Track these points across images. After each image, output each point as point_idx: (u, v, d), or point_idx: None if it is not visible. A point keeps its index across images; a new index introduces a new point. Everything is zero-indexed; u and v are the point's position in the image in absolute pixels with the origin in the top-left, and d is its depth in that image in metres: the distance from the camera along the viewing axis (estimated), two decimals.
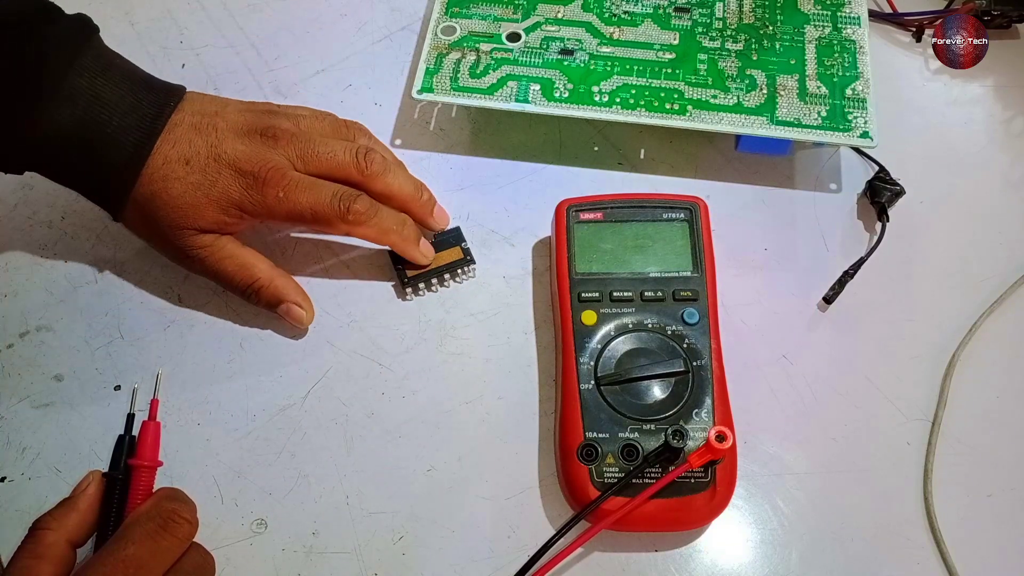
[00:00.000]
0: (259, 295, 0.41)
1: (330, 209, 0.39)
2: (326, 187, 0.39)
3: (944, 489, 0.38)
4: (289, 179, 0.39)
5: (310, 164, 0.40)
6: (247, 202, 0.38)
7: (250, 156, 0.39)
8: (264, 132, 0.40)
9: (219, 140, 0.39)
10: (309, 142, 0.40)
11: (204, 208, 0.38)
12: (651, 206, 0.42)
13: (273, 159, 0.39)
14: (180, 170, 0.38)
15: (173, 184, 0.38)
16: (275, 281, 0.41)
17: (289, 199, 0.38)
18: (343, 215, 0.39)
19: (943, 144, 0.48)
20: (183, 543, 0.34)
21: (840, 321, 0.42)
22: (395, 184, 0.41)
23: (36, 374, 0.41)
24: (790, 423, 0.40)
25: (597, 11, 0.47)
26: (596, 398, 0.37)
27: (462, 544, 0.37)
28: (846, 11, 0.47)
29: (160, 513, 0.34)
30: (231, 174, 0.38)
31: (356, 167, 0.40)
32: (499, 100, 0.44)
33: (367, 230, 0.40)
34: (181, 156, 0.38)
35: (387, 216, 0.40)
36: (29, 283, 0.43)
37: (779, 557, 0.37)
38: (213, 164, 0.38)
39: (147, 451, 0.38)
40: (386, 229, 0.40)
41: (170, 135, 0.38)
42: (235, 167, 0.38)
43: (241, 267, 0.40)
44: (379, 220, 0.40)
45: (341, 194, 0.39)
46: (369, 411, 0.40)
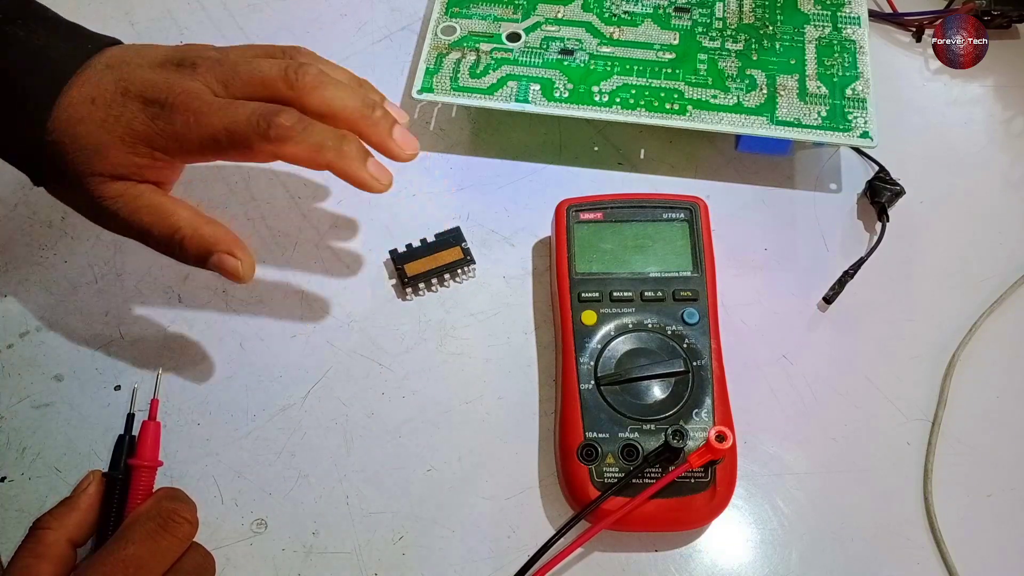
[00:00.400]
0: (183, 247, 0.35)
1: (248, 126, 0.33)
2: (244, 105, 0.34)
3: (944, 489, 0.38)
4: (201, 102, 0.34)
5: (231, 87, 0.34)
6: (154, 134, 0.34)
7: (159, 83, 0.34)
8: (182, 61, 0.35)
9: (130, 73, 0.34)
10: (231, 64, 0.35)
11: (108, 148, 0.34)
12: (651, 206, 0.42)
13: (186, 84, 0.34)
14: (84, 109, 0.34)
15: (76, 126, 0.34)
16: (200, 229, 0.35)
17: (200, 123, 0.33)
18: (264, 132, 0.33)
19: (943, 144, 0.48)
20: (183, 543, 0.34)
21: (840, 321, 0.42)
22: (336, 99, 0.35)
23: (36, 374, 0.41)
24: (790, 423, 0.40)
25: (597, 11, 0.47)
26: (596, 398, 0.37)
27: (462, 544, 0.37)
28: (846, 11, 0.47)
29: (160, 513, 0.34)
30: (137, 106, 0.34)
31: (284, 80, 0.34)
32: (499, 100, 0.44)
33: (295, 148, 0.33)
34: (87, 96, 0.34)
35: (320, 130, 0.34)
36: (29, 283, 0.43)
37: (779, 557, 0.37)
38: (119, 99, 0.34)
39: (147, 451, 0.38)
40: (318, 144, 0.34)
41: (80, 77, 0.34)
42: (142, 97, 0.34)
43: (158, 216, 0.35)
44: (309, 134, 0.33)
45: (261, 110, 0.33)
46: (369, 411, 0.40)
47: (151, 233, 0.35)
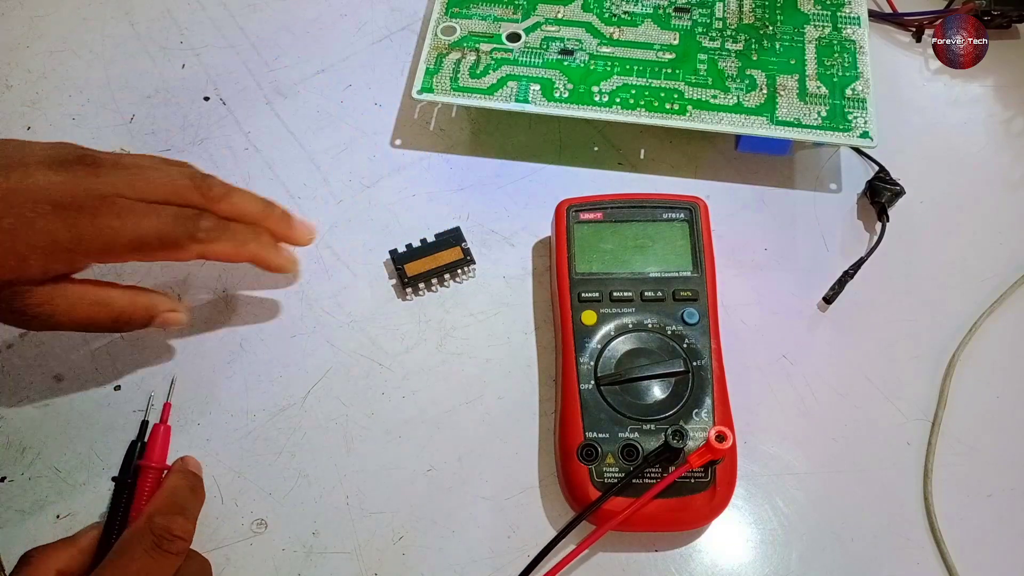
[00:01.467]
0: (130, 324, 0.36)
1: (177, 229, 0.34)
2: (165, 209, 0.34)
3: (944, 489, 0.38)
4: (121, 206, 0.33)
5: (142, 191, 0.34)
6: (76, 239, 0.32)
7: (69, 186, 0.33)
8: (80, 161, 0.34)
9: (28, 173, 0.32)
10: (138, 168, 0.35)
11: (26, 257, 0.32)
12: (651, 206, 0.42)
13: (96, 186, 0.33)
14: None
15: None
16: (136, 301, 0.36)
17: (128, 227, 0.33)
18: (192, 234, 0.35)
19: (943, 144, 0.48)
20: (178, 558, 0.34)
21: (840, 321, 0.42)
22: (241, 203, 0.37)
23: (36, 374, 0.41)
24: (790, 423, 0.40)
25: (597, 11, 0.47)
26: (596, 398, 0.37)
27: (462, 544, 0.37)
28: (846, 11, 0.47)
29: (154, 531, 0.33)
30: (49, 210, 0.32)
31: (196, 190, 0.36)
32: (499, 100, 0.44)
33: (222, 247, 0.36)
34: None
35: (239, 228, 0.37)
36: None
37: (779, 557, 0.37)
38: (27, 203, 0.32)
39: (155, 453, 0.38)
40: (242, 240, 0.36)
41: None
42: (53, 201, 0.32)
43: (95, 304, 0.35)
44: (232, 233, 0.36)
45: (184, 214, 0.35)
46: (369, 411, 0.40)
47: (93, 324, 0.35)
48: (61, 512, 0.38)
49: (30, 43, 0.51)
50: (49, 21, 0.52)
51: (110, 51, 0.51)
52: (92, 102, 0.49)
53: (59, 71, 0.50)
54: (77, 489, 0.38)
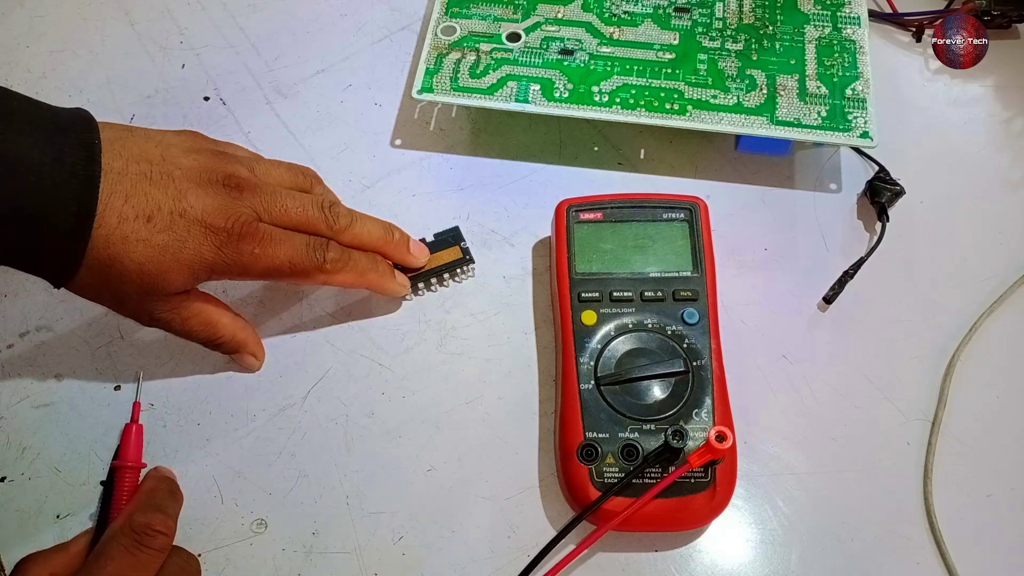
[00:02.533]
0: (219, 349, 0.40)
1: (308, 261, 0.37)
2: (298, 238, 0.37)
3: (944, 489, 0.38)
4: (263, 233, 0.36)
5: (278, 217, 0.37)
6: (220, 261, 0.35)
7: (220, 210, 0.35)
8: (226, 182, 0.36)
9: (180, 192, 0.34)
10: (274, 194, 0.37)
11: (174, 273, 0.34)
12: (651, 206, 0.42)
13: (242, 212, 0.36)
14: (142, 230, 0.33)
15: (136, 247, 0.33)
16: (236, 336, 0.39)
17: (266, 255, 0.36)
18: (320, 265, 0.37)
19: (943, 144, 0.48)
20: (160, 554, 0.34)
21: (840, 321, 0.42)
22: (364, 233, 0.40)
23: (36, 374, 0.41)
24: (790, 423, 0.40)
25: (597, 11, 0.47)
26: (596, 398, 0.37)
27: (462, 544, 0.37)
28: (846, 11, 0.47)
29: (134, 528, 0.33)
30: (200, 231, 0.34)
31: (325, 222, 0.38)
32: (499, 100, 0.44)
33: (345, 276, 0.39)
34: (140, 213, 0.33)
35: (360, 258, 0.39)
36: (29, 283, 0.43)
37: (779, 557, 0.37)
38: (180, 221, 0.34)
39: (129, 452, 0.38)
40: (363, 271, 0.39)
41: (118, 187, 0.33)
42: (204, 223, 0.35)
43: (206, 325, 0.38)
44: (354, 264, 0.39)
45: (314, 244, 0.37)
46: (369, 411, 0.40)
47: (196, 337, 0.38)
48: (61, 512, 0.38)
49: (30, 43, 0.51)
50: (49, 21, 0.52)
51: (110, 51, 0.51)
52: (92, 102, 0.49)
53: (59, 71, 0.50)
54: (77, 489, 0.38)
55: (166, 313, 0.36)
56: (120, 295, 0.35)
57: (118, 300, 0.36)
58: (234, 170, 0.37)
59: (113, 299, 0.36)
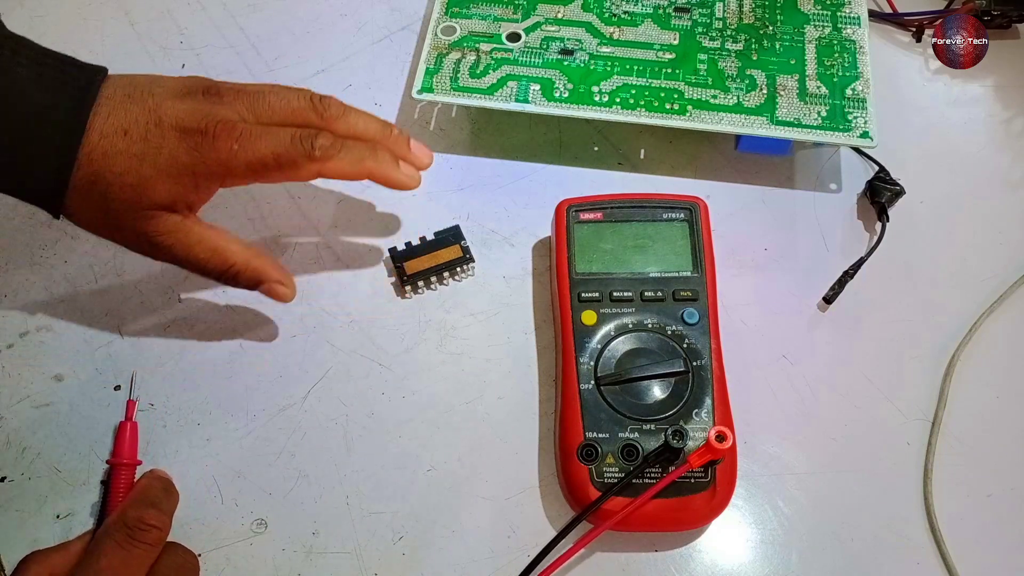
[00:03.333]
0: (237, 279, 0.38)
1: (294, 149, 0.36)
2: (283, 130, 0.36)
3: (944, 489, 0.38)
4: (241, 130, 0.35)
5: (261, 115, 0.37)
6: (199, 163, 0.35)
7: (193, 113, 0.35)
8: (205, 91, 0.36)
9: (157, 104, 0.35)
10: (257, 93, 0.37)
11: (154, 181, 0.34)
12: (651, 206, 0.42)
13: (220, 113, 0.35)
14: (119, 142, 0.34)
15: (114, 160, 0.34)
16: (251, 263, 0.38)
17: (246, 149, 0.35)
18: (309, 153, 0.36)
19: (943, 144, 0.48)
20: (154, 548, 0.34)
21: (840, 321, 0.42)
22: (359, 123, 0.38)
23: (36, 374, 0.41)
24: (790, 423, 0.40)
25: (597, 11, 0.47)
26: (596, 398, 0.37)
27: (462, 544, 0.37)
28: (846, 11, 0.47)
29: (127, 522, 0.33)
30: (175, 136, 0.35)
31: (314, 111, 0.37)
32: (499, 100, 0.44)
33: (339, 163, 0.37)
34: (118, 127, 0.34)
35: (356, 145, 0.37)
36: (29, 283, 0.43)
37: (779, 557, 0.37)
38: (154, 130, 0.34)
39: (124, 449, 0.38)
40: (359, 158, 0.37)
41: (102, 107, 0.34)
42: (178, 127, 0.35)
43: (213, 251, 0.37)
44: (348, 151, 0.37)
45: (301, 134, 0.36)
46: (369, 411, 0.40)
47: (206, 266, 0.37)
48: (61, 512, 0.38)
49: None
50: (49, 21, 0.52)
51: (110, 51, 0.51)
52: None
53: None
54: (77, 489, 0.38)
55: (165, 237, 0.36)
56: (112, 215, 0.35)
57: (112, 222, 0.36)
58: (217, 83, 0.37)
59: (107, 221, 0.36)
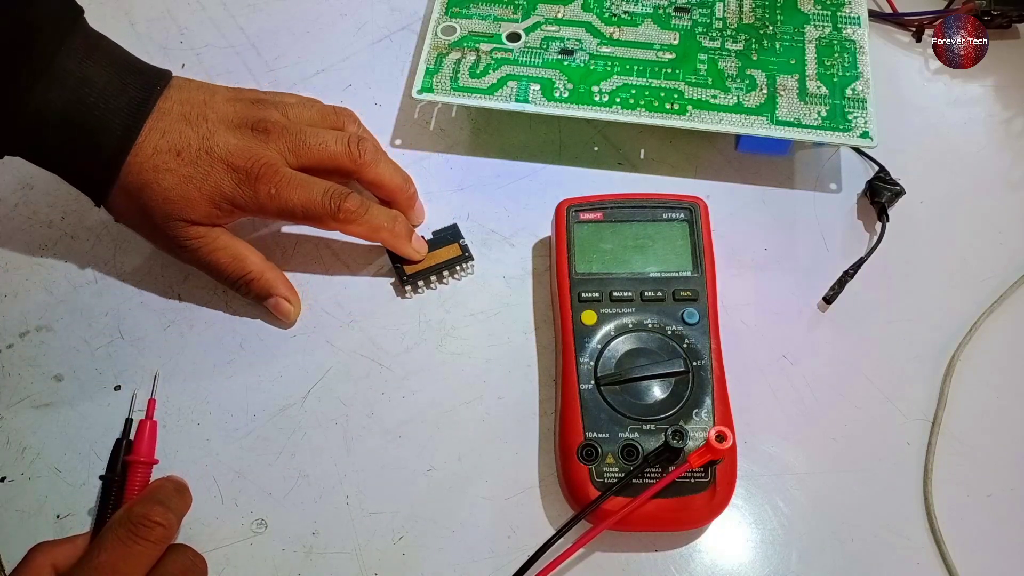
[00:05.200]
0: (249, 287, 0.41)
1: (321, 207, 0.39)
2: (317, 184, 0.39)
3: (944, 489, 0.38)
4: (281, 176, 0.39)
5: (302, 157, 0.40)
6: (239, 197, 0.38)
7: (242, 151, 0.39)
8: (255, 126, 0.40)
9: (210, 132, 0.39)
10: (300, 134, 0.40)
11: (196, 201, 0.38)
12: (651, 206, 0.42)
13: (265, 154, 0.39)
14: (172, 161, 0.38)
15: (164, 176, 0.38)
16: (266, 275, 0.41)
17: (281, 196, 0.38)
18: (334, 213, 0.39)
19: (943, 144, 0.48)
20: (157, 546, 0.33)
21: (840, 321, 0.42)
22: (386, 174, 0.42)
23: (36, 374, 0.41)
24: (790, 423, 0.40)
25: (597, 11, 0.47)
26: (596, 398, 0.37)
27: (462, 544, 0.37)
28: (846, 11, 0.47)
29: (131, 518, 0.33)
30: (223, 168, 0.38)
31: (348, 156, 0.40)
32: (499, 100, 0.44)
33: (358, 227, 0.40)
34: (172, 147, 0.38)
35: (377, 213, 0.41)
36: (29, 283, 0.43)
37: (779, 557, 0.37)
38: (205, 157, 0.38)
39: (143, 448, 0.38)
40: (376, 226, 0.40)
41: (159, 123, 0.38)
42: (227, 162, 0.38)
43: (233, 259, 0.40)
44: (369, 217, 0.40)
45: (332, 192, 0.39)
46: (369, 411, 0.40)
47: (224, 271, 0.40)
48: (61, 512, 0.38)
49: None
50: None
51: None
52: None
53: None
54: (77, 489, 0.38)
55: (193, 241, 0.39)
56: (149, 220, 0.39)
57: (148, 225, 0.39)
58: (266, 115, 0.40)
59: (143, 223, 0.40)
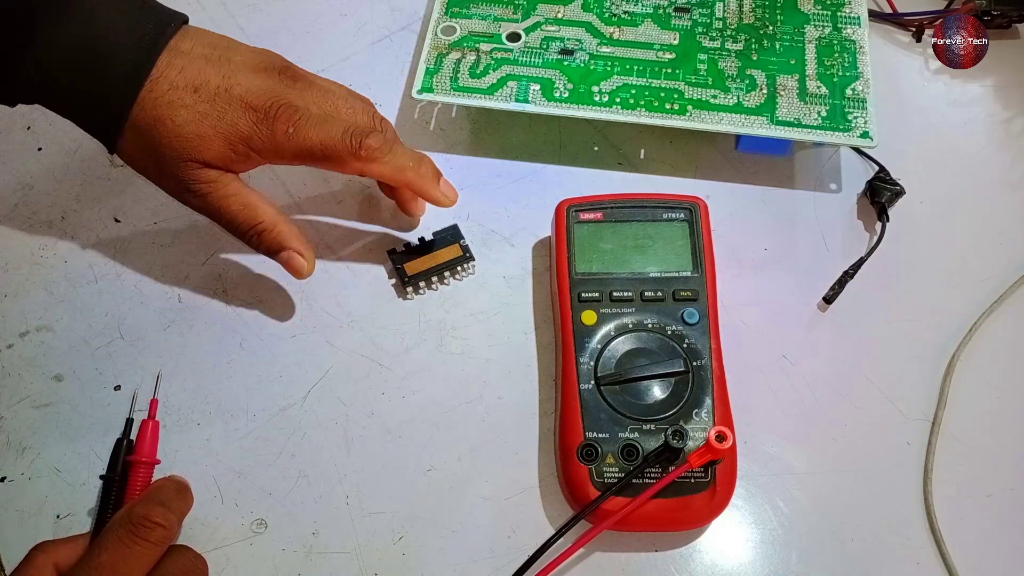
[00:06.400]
0: (261, 238, 0.39)
1: (342, 144, 0.37)
2: (338, 122, 0.38)
3: (944, 489, 0.38)
4: (300, 114, 0.37)
5: (326, 110, 0.39)
6: (255, 137, 0.37)
7: (264, 91, 0.37)
8: (283, 71, 0.38)
9: (232, 72, 0.37)
10: (328, 91, 0.39)
11: (211, 140, 0.37)
12: (651, 206, 0.42)
13: (287, 96, 0.37)
14: (188, 97, 0.36)
15: (179, 111, 0.36)
16: (279, 226, 0.39)
17: (299, 134, 0.37)
18: (355, 151, 0.37)
19: (943, 144, 0.48)
20: (157, 547, 0.33)
21: (840, 321, 0.42)
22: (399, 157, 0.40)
23: (36, 374, 0.41)
24: (790, 423, 0.40)
25: (597, 11, 0.47)
26: (596, 398, 0.37)
27: (462, 544, 0.37)
28: (846, 11, 0.47)
29: (132, 519, 0.33)
30: (241, 107, 0.37)
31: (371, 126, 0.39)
32: (499, 100, 0.44)
33: (380, 167, 0.38)
34: (189, 83, 0.36)
35: (402, 153, 0.39)
36: (29, 283, 0.43)
37: (779, 557, 0.37)
38: (224, 95, 0.37)
39: (145, 448, 0.38)
40: (401, 166, 0.39)
41: (176, 60, 0.36)
42: (245, 101, 0.37)
43: (245, 207, 0.38)
44: (393, 157, 0.39)
45: (353, 129, 0.38)
46: (369, 411, 0.40)
47: (235, 220, 0.39)
48: (61, 512, 0.38)
49: None
50: None
51: None
52: None
53: None
54: (77, 489, 0.38)
55: (203, 185, 0.37)
56: (160, 160, 0.37)
57: (157, 166, 0.37)
58: (295, 67, 0.39)
59: (153, 164, 0.37)
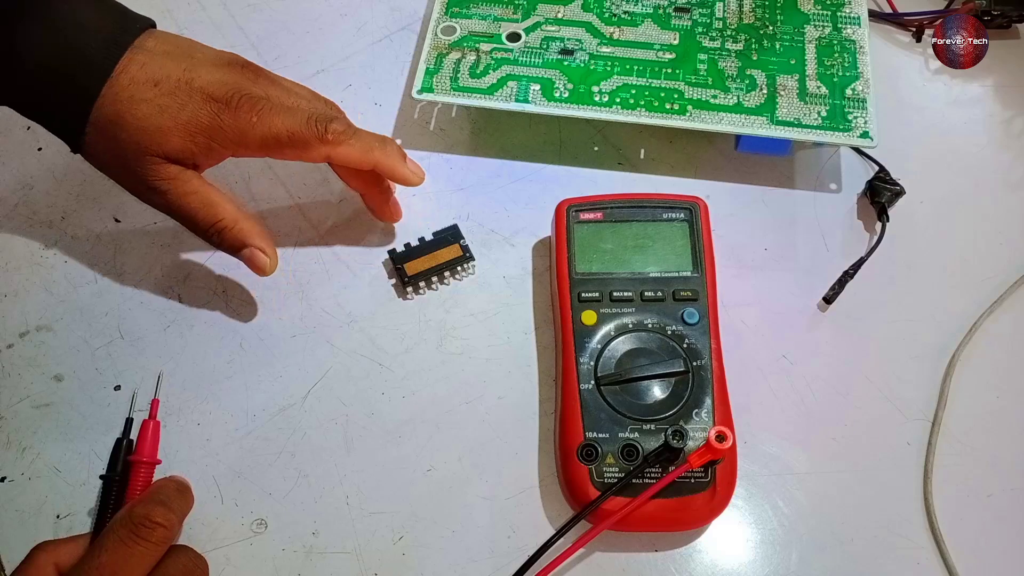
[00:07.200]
0: (222, 236, 0.39)
1: (308, 130, 0.37)
2: (301, 110, 0.38)
3: (944, 489, 0.38)
4: (263, 103, 0.37)
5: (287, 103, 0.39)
6: (216, 127, 0.37)
7: (226, 83, 0.37)
8: (245, 66, 0.39)
9: (193, 66, 0.37)
10: (291, 89, 0.39)
11: (171, 132, 0.36)
12: (651, 206, 0.42)
13: (249, 89, 0.38)
14: (148, 91, 0.36)
15: (139, 105, 0.36)
16: (240, 223, 0.39)
17: (263, 122, 0.37)
18: (321, 135, 0.38)
19: (943, 144, 0.48)
20: (158, 547, 0.33)
21: (840, 321, 0.42)
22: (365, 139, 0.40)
23: (36, 374, 0.41)
24: (790, 423, 0.40)
25: (597, 11, 0.47)
26: (596, 398, 0.37)
27: (462, 544, 0.37)
28: (846, 11, 0.47)
29: (132, 519, 0.33)
30: (201, 99, 0.37)
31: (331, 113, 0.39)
32: (499, 100, 0.44)
33: (348, 149, 0.39)
34: (150, 78, 0.36)
35: (367, 135, 0.39)
36: (29, 283, 0.43)
37: (779, 557, 0.37)
38: (184, 88, 0.36)
39: (146, 448, 0.38)
40: (368, 147, 0.39)
41: (139, 56, 0.36)
42: (206, 92, 0.37)
43: (205, 204, 0.38)
44: (359, 139, 0.39)
45: (317, 116, 0.38)
46: (369, 411, 0.40)
47: (195, 218, 0.38)
48: (61, 512, 0.38)
49: None
50: None
51: None
52: None
53: None
54: (77, 489, 0.38)
55: (163, 182, 0.37)
56: (121, 157, 0.37)
57: (120, 162, 0.37)
58: (255, 65, 0.39)
59: (115, 161, 0.37)
